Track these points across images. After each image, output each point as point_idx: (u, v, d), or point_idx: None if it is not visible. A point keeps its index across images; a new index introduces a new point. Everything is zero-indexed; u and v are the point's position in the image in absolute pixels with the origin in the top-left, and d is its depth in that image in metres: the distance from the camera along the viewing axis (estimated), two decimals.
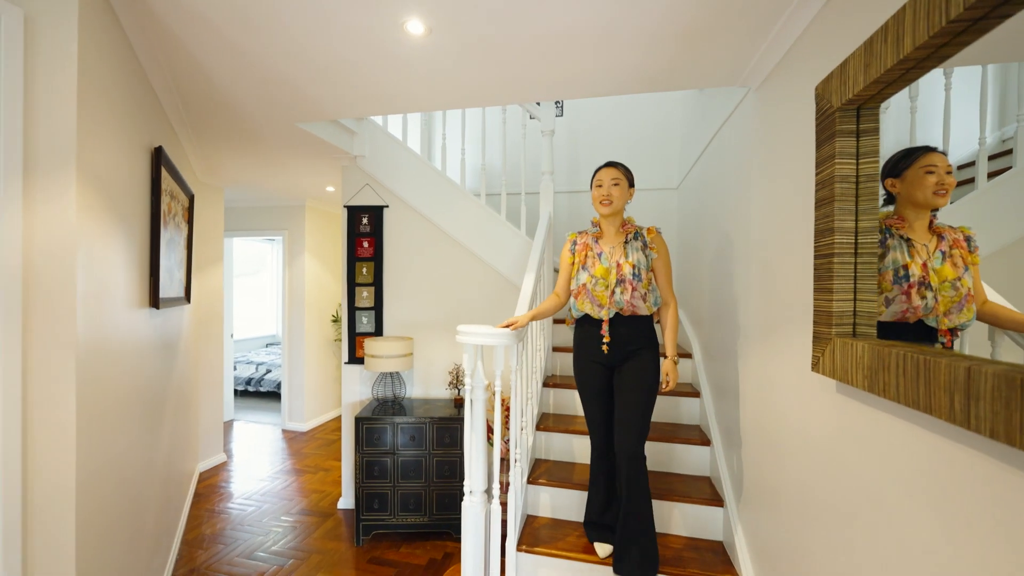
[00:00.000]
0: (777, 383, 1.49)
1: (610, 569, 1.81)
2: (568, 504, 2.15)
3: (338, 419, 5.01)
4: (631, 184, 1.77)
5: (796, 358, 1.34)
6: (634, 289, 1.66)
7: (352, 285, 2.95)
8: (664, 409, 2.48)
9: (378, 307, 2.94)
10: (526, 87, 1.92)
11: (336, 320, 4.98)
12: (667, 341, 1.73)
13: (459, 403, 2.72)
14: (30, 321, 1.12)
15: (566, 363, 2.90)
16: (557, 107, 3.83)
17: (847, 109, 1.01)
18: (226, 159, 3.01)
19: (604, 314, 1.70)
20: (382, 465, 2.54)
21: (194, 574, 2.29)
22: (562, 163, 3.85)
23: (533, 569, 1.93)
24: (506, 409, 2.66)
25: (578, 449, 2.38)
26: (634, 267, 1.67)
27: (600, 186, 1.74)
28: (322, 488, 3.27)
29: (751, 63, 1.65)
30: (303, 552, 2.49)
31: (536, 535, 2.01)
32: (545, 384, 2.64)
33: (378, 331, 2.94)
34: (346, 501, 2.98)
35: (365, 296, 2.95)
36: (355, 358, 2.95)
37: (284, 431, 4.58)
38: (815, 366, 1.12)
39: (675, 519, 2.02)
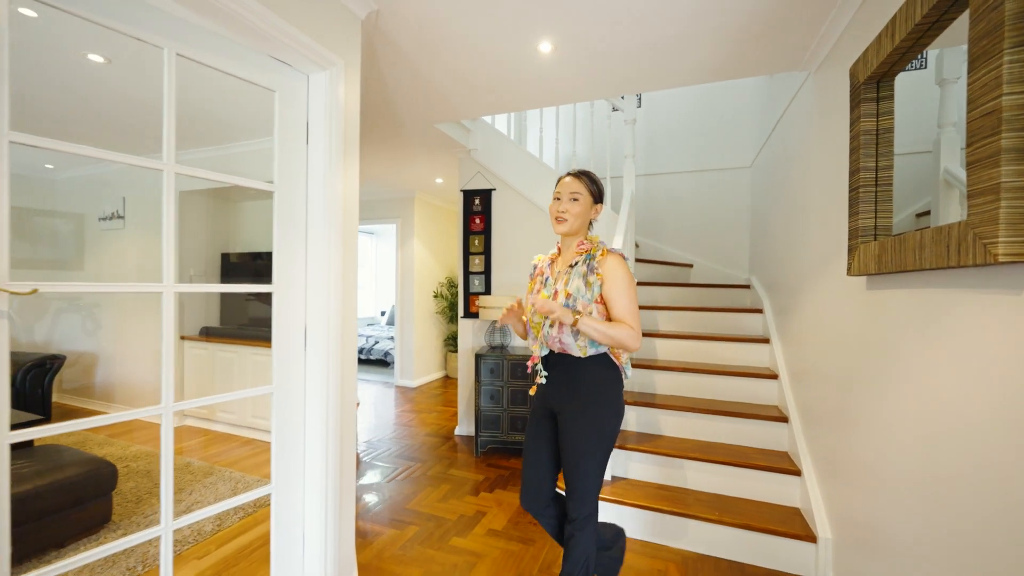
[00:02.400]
0: (824, 299, 1.89)
1: (688, 467, 2.29)
2: (649, 420, 2.64)
3: (441, 379, 5.84)
4: (597, 199, 1.49)
5: (838, 273, 1.74)
6: (562, 324, 1.38)
7: (467, 254, 3.65)
8: (734, 356, 2.88)
9: (487, 271, 3.61)
10: (619, 83, 2.44)
11: (437, 296, 5.80)
12: (596, 321, 1.35)
13: None
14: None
15: (647, 318, 3.37)
16: (637, 98, 4.29)
17: (869, 83, 1.44)
18: (366, 157, 3.85)
19: (535, 348, 1.49)
20: (496, 393, 3.19)
21: (359, 464, 3.09)
22: (640, 149, 4.30)
23: (626, 462, 2.45)
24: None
25: (659, 383, 2.86)
26: (569, 297, 1.39)
27: (557, 199, 1.47)
28: (439, 422, 4.01)
29: (809, 50, 2.05)
30: (434, 457, 3.21)
31: (624, 438, 2.53)
32: None
33: (487, 291, 3.61)
34: (461, 429, 3.69)
35: (477, 263, 3.63)
36: (469, 313, 3.64)
37: (397, 387, 5.46)
38: (848, 271, 1.54)
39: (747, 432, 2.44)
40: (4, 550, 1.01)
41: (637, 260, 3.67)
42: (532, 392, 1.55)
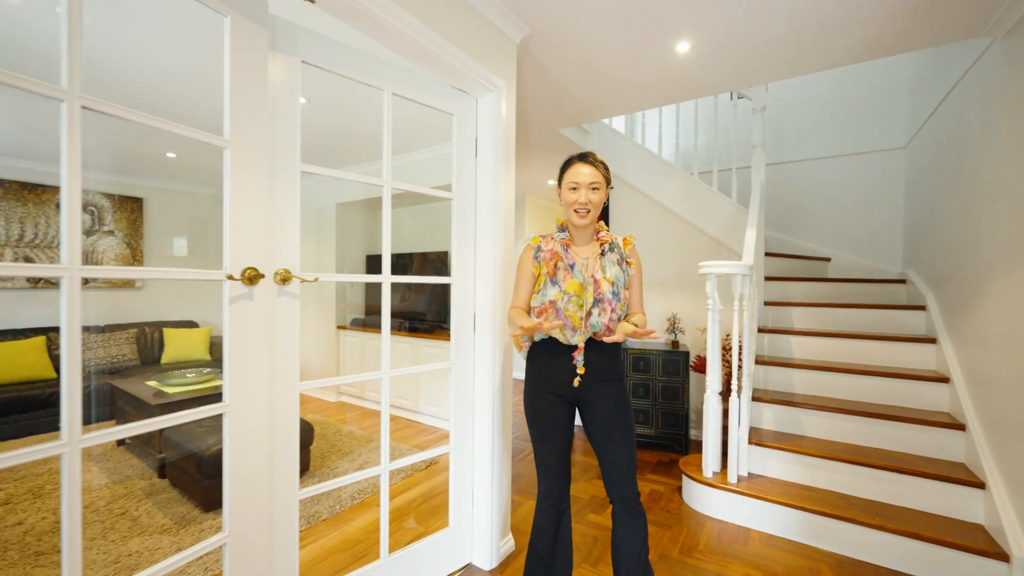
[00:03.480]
0: (1018, 294, 1.68)
1: (838, 469, 2.18)
2: (788, 419, 2.54)
3: None
4: (609, 183, 1.46)
5: None
6: (613, 310, 1.37)
7: None
8: (894, 356, 2.63)
9: None
10: (757, 73, 2.39)
11: None
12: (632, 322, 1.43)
13: (675, 345, 3.28)
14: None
15: (777, 315, 3.22)
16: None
17: None
18: None
19: (579, 339, 1.40)
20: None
21: None
22: (766, 136, 4.07)
23: (763, 460, 2.40)
24: (727, 353, 3.12)
25: (797, 381, 2.72)
26: (613, 284, 1.39)
27: (575, 189, 1.41)
28: None
29: (996, 14, 1.83)
30: None
31: (760, 436, 2.48)
32: (760, 330, 3.03)
33: None
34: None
35: None
36: None
37: (515, 379, 5.78)
38: None
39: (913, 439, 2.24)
40: (294, 469, 1.40)
41: (768, 254, 3.50)
42: (576, 384, 1.42)
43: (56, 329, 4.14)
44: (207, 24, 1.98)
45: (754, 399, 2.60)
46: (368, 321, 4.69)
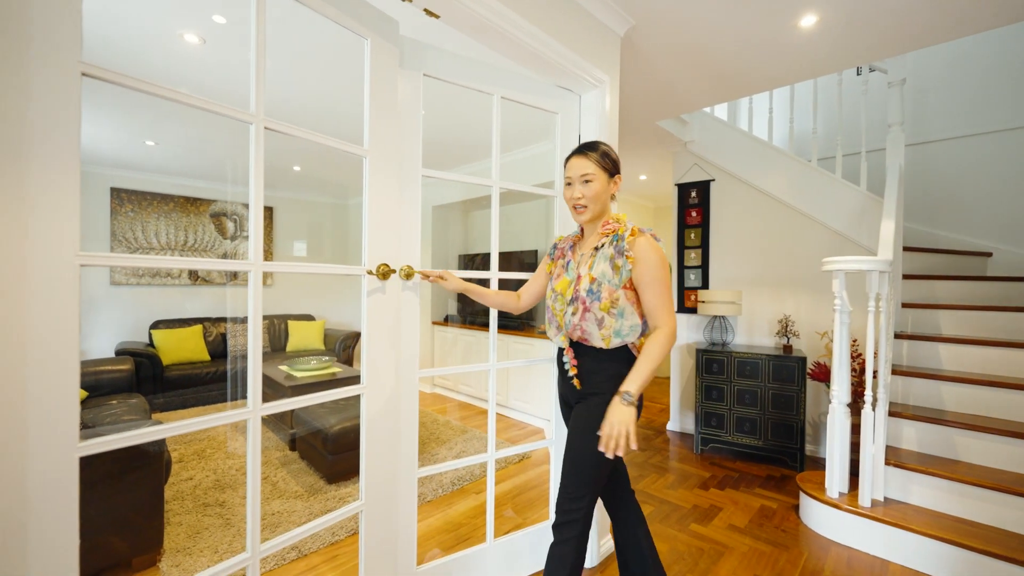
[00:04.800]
0: None
1: (1006, 503, 1.83)
2: (937, 440, 2.18)
3: None
4: (613, 172, 1.32)
5: None
6: (586, 310, 1.25)
7: (681, 248, 3.61)
8: None
9: (704, 265, 3.50)
10: (894, 42, 2.09)
11: None
12: (633, 370, 1.19)
13: (787, 350, 2.99)
14: None
15: (918, 319, 2.79)
16: None
17: None
18: None
19: (561, 339, 1.34)
20: (719, 390, 3.08)
21: None
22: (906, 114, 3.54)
23: (903, 483, 2.10)
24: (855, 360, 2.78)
25: (948, 396, 2.34)
26: (594, 282, 1.25)
27: (569, 184, 1.33)
28: (647, 416, 4.07)
29: None
30: (651, 447, 3.28)
31: (899, 456, 2.16)
32: (898, 336, 2.65)
33: (704, 285, 3.50)
34: (674, 425, 3.67)
35: (692, 257, 3.56)
36: (683, 308, 3.60)
37: None
38: None
39: None
40: (414, 448, 1.51)
41: (906, 248, 3.05)
42: (578, 386, 1.32)
43: (210, 319, 4.92)
44: (346, 45, 2.21)
45: (891, 414, 2.28)
46: (458, 318, 4.92)
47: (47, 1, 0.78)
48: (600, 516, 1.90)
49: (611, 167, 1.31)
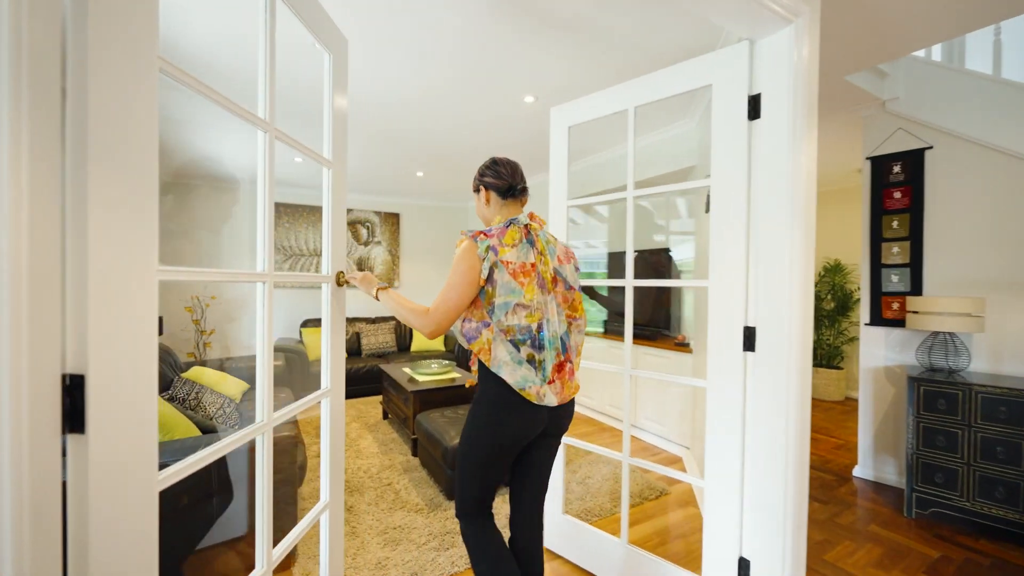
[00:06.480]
0: None
1: None
2: None
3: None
4: (475, 189, 1.41)
5: None
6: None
7: (876, 241, 2.75)
8: None
9: (915, 263, 2.61)
10: None
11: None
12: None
13: None
14: None
15: None
16: None
17: None
18: None
19: None
20: (949, 436, 2.23)
21: None
22: None
23: None
24: None
25: None
26: None
27: None
28: (819, 452, 3.23)
29: None
30: (834, 499, 2.53)
31: None
32: None
33: (915, 289, 2.61)
34: (864, 470, 2.82)
35: (896, 252, 2.68)
36: (880, 319, 2.74)
37: None
38: None
39: None
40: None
41: None
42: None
43: (347, 318, 5.34)
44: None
45: None
46: None
47: None
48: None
49: (474, 183, 1.41)
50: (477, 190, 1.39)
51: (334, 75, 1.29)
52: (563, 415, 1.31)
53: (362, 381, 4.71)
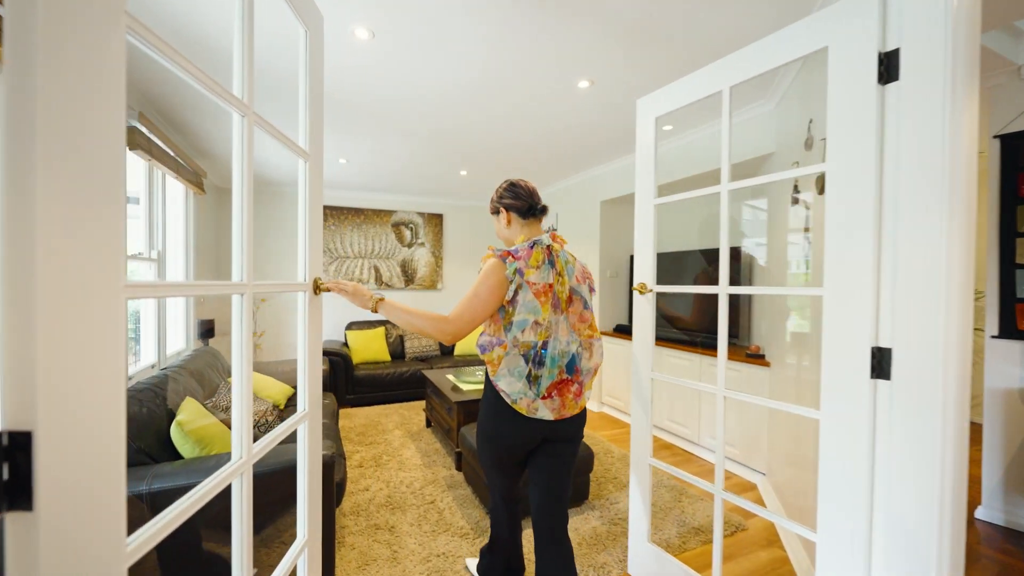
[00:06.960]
0: None
1: None
2: None
3: None
4: (494, 211, 1.48)
5: None
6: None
7: (1009, 235, 2.28)
8: None
9: None
10: None
11: None
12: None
13: None
14: None
15: None
16: None
17: None
18: None
19: None
20: None
21: None
22: None
23: None
24: None
25: None
26: None
27: None
28: None
29: None
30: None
31: None
32: None
33: None
34: (990, 512, 2.35)
35: None
36: (1012, 330, 2.26)
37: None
38: None
39: None
40: None
41: None
42: None
43: (387, 322, 5.29)
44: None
45: None
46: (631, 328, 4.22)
47: None
48: None
49: (493, 207, 1.48)
50: (496, 212, 1.46)
51: (310, 53, 1.13)
52: (567, 424, 1.34)
53: (406, 385, 4.61)
